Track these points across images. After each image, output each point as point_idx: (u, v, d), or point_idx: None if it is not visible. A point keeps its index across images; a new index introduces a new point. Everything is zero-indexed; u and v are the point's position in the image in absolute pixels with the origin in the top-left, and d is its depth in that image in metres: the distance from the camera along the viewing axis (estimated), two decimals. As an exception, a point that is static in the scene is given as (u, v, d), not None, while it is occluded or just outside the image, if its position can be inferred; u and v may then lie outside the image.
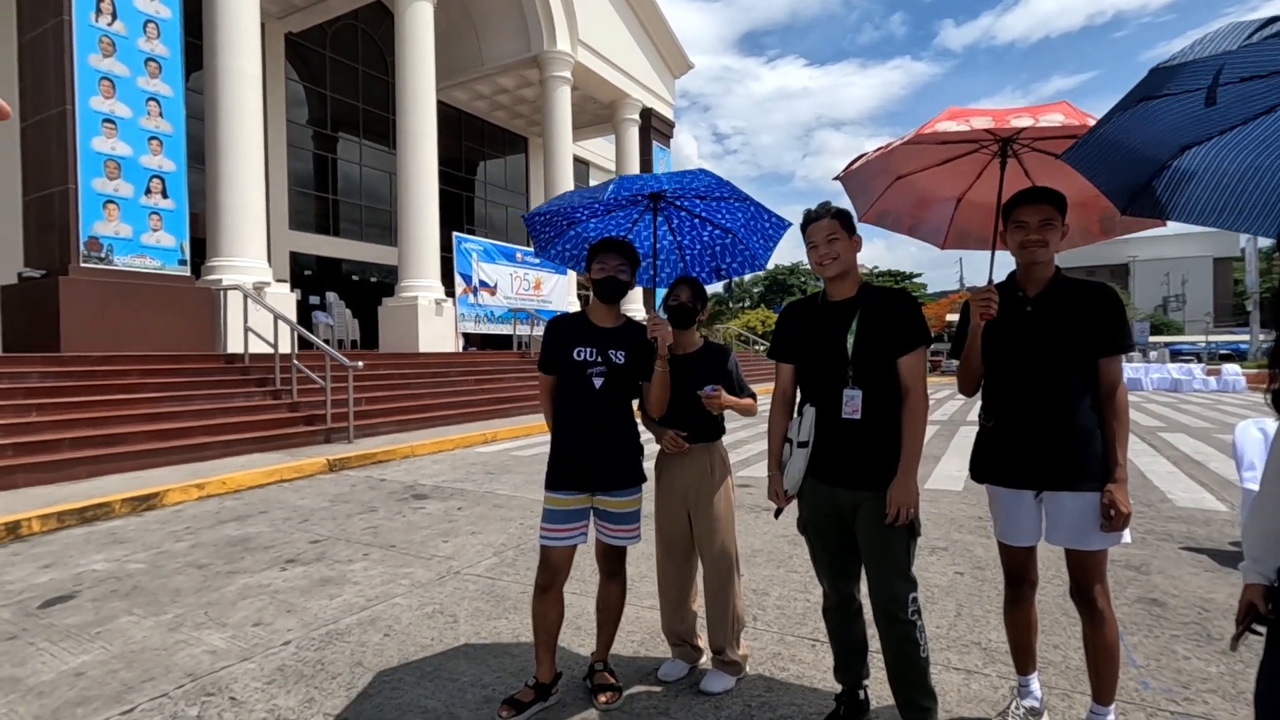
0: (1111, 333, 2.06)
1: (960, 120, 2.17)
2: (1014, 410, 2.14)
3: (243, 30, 10.49)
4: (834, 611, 2.29)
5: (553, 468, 2.47)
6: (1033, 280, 2.17)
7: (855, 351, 2.09)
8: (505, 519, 5.15)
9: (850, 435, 2.09)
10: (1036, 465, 2.11)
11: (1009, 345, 2.15)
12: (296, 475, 6.85)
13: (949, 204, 2.85)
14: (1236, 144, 1.83)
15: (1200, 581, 3.69)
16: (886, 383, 2.09)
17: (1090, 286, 2.12)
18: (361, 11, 18.06)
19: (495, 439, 9.56)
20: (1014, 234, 2.15)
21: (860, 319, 2.12)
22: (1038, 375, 2.11)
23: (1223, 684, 2.55)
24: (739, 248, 2.92)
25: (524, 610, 3.33)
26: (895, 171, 2.64)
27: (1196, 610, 3.28)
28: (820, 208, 2.18)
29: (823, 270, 2.17)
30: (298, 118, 18.15)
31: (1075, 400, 2.08)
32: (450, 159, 21.67)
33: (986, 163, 2.56)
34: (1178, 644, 2.90)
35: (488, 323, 15.67)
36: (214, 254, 10.37)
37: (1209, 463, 7.47)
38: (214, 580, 3.80)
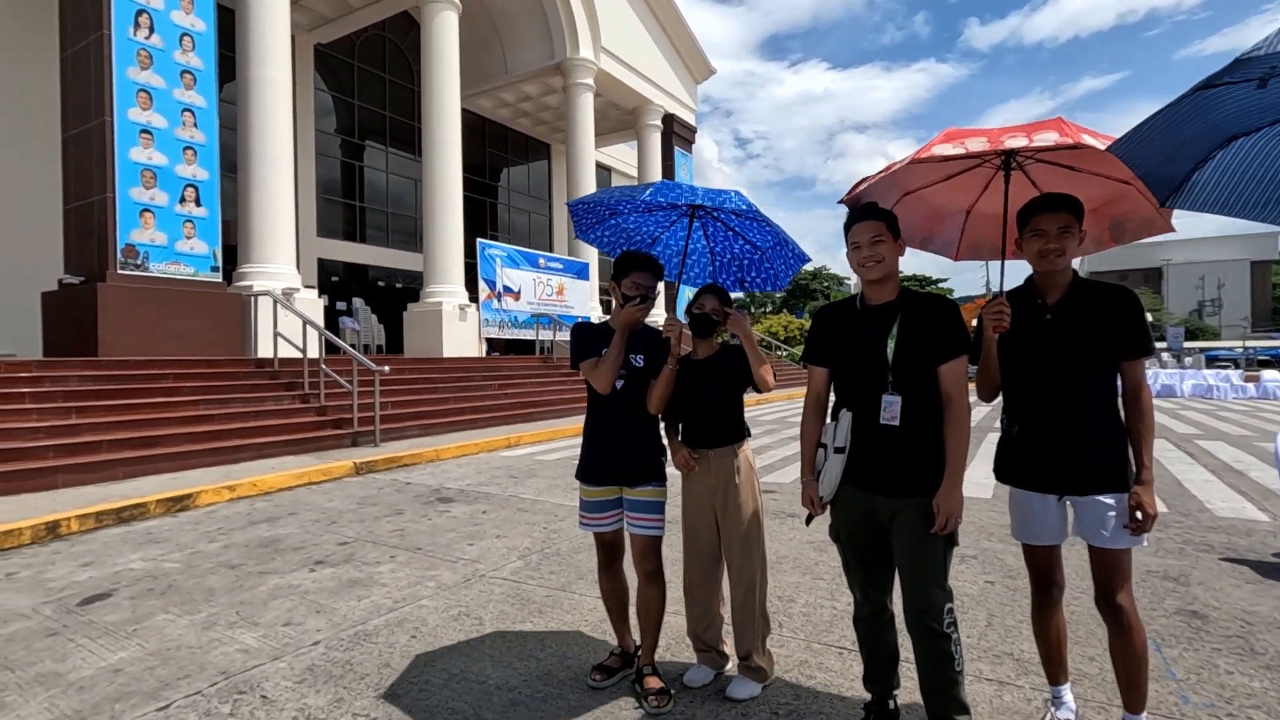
0: (1133, 336, 2.04)
1: (956, 143, 2.18)
2: (1035, 416, 2.13)
3: (274, 42, 10.74)
4: (866, 621, 2.25)
5: (582, 461, 2.64)
6: (1052, 287, 2.14)
7: (896, 357, 2.05)
8: (530, 523, 5.18)
9: (889, 441, 2.05)
10: (1058, 471, 2.10)
11: (1028, 352, 2.13)
12: (324, 478, 6.95)
13: (959, 216, 2.86)
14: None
15: (1243, 594, 3.58)
16: (926, 389, 2.05)
17: (1110, 290, 2.09)
18: (389, 22, 18.39)
19: (519, 443, 9.62)
20: (1032, 242, 2.12)
21: (901, 324, 2.07)
22: (1057, 381, 2.09)
23: (1268, 700, 2.47)
24: (765, 265, 2.99)
25: (549, 614, 3.34)
26: (904, 187, 2.65)
27: (1239, 623, 3.18)
28: (867, 207, 2.13)
29: (864, 272, 2.11)
30: (326, 127, 18.51)
31: (1096, 406, 2.07)
32: (474, 166, 21.93)
33: (991, 176, 2.56)
34: (1219, 658, 2.81)
35: (511, 328, 15.78)
36: (245, 261, 10.60)
37: (1250, 471, 7.25)
38: (246, 580, 3.86)
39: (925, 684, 2.08)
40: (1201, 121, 1.76)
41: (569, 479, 6.90)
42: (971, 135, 2.23)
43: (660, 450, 2.63)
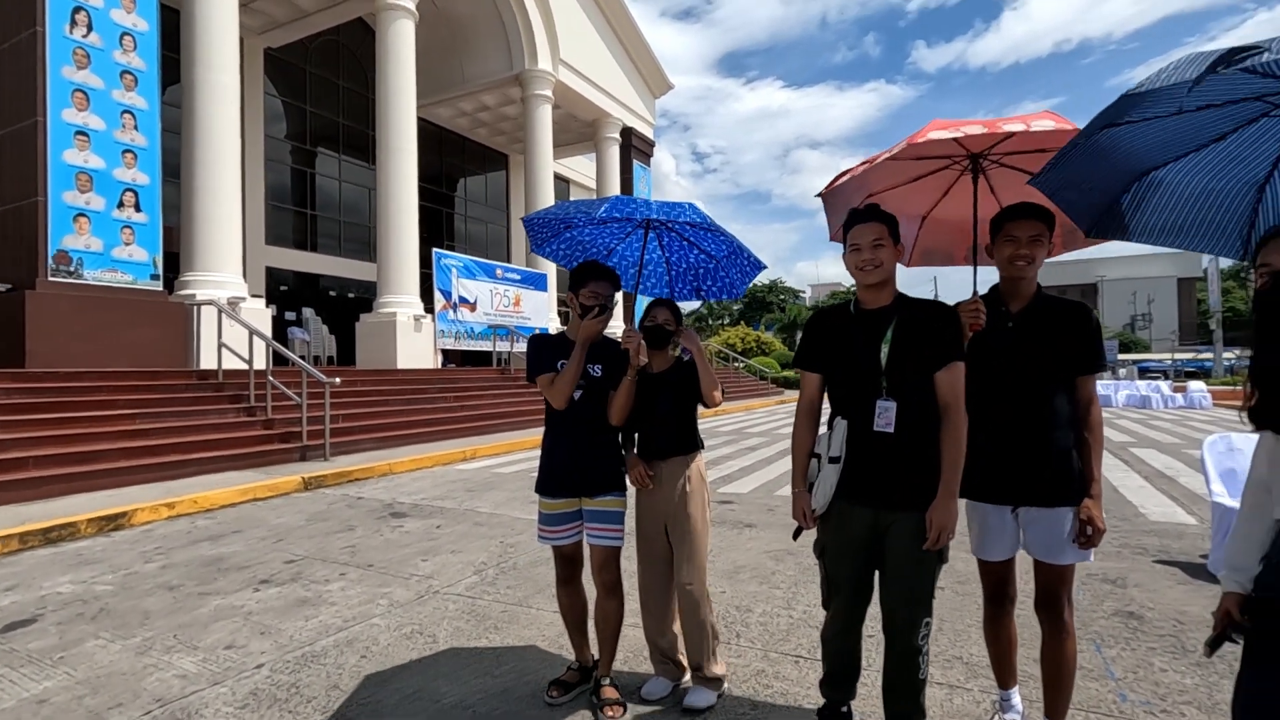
0: (1089, 352, 2.10)
1: (953, 129, 2.21)
2: (995, 425, 2.14)
3: (222, 45, 10.44)
4: (837, 637, 2.17)
5: (541, 474, 2.61)
6: (1017, 295, 2.18)
7: (890, 362, 2.00)
8: (487, 537, 5.09)
9: (883, 449, 1.99)
10: (1016, 481, 2.12)
11: (990, 360, 2.15)
12: (272, 493, 6.71)
13: (914, 222, 2.90)
14: (1194, 168, 1.91)
15: (1176, 594, 3.75)
16: (922, 396, 2.00)
17: (1071, 306, 2.15)
18: (343, 28, 18.08)
19: (476, 456, 9.47)
20: (1003, 247, 2.16)
21: (896, 328, 2.02)
22: (1018, 391, 2.13)
23: (1199, 695, 2.59)
24: (720, 274, 3.02)
25: (505, 629, 3.28)
26: (868, 189, 2.68)
27: (1172, 623, 3.33)
28: (869, 208, 2.08)
29: (862, 276, 2.05)
30: (276, 132, 18.04)
31: (1054, 417, 2.10)
32: (431, 175, 21.65)
33: (954, 179, 2.62)
34: (1155, 656, 2.94)
35: (467, 339, 15.57)
36: (188, 269, 10.22)
37: (1179, 477, 7.63)
38: (185, 602, 3.69)
39: (889, 689, 2.10)
40: (1112, 156, 1.86)
41: (527, 491, 6.81)
42: (966, 123, 2.26)
43: (620, 460, 2.64)
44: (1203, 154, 1.87)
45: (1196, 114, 1.70)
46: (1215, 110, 1.69)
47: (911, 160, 2.45)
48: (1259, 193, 1.82)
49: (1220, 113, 1.70)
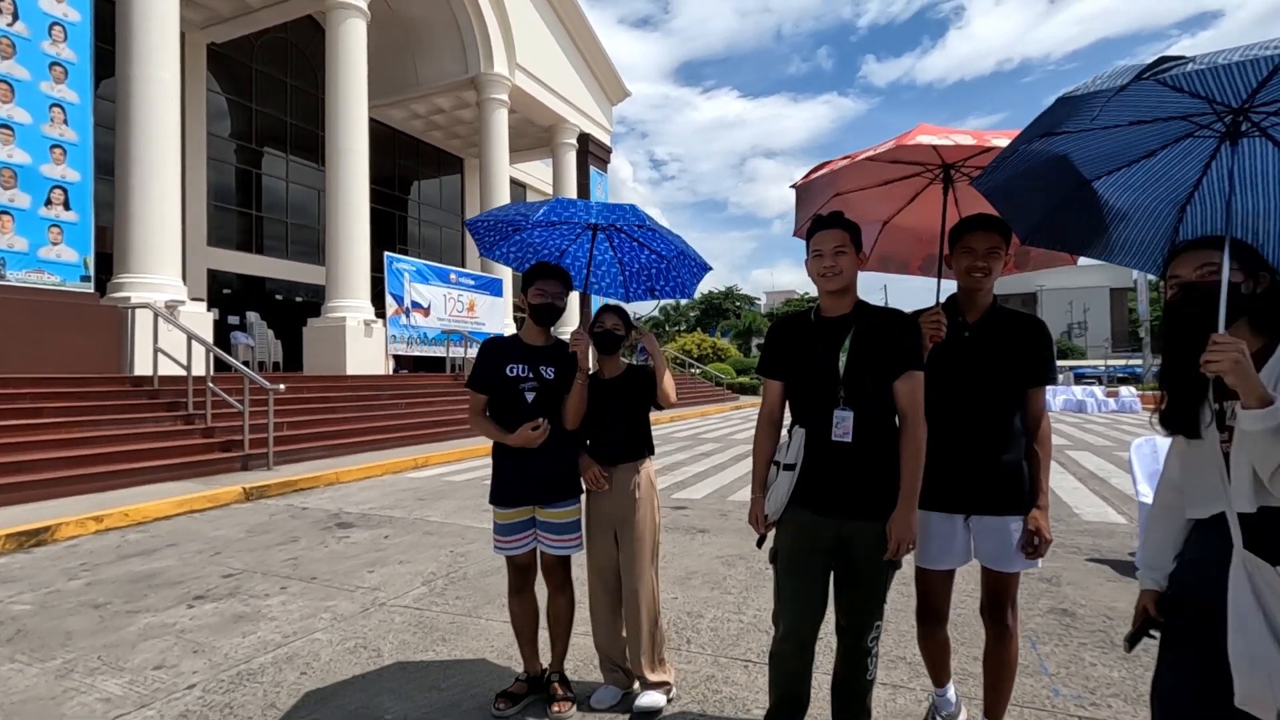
0: (1041, 366, 2.15)
1: (940, 135, 2.22)
2: (948, 435, 2.15)
3: (160, 38, 10.03)
4: (786, 658, 2.09)
5: (495, 483, 2.58)
6: (973, 306, 2.20)
7: (847, 370, 1.99)
8: (437, 546, 4.99)
9: (841, 459, 1.98)
10: (968, 490, 2.15)
11: (946, 369, 2.17)
12: (210, 505, 6.44)
13: (875, 226, 2.91)
14: (1123, 184, 1.98)
15: (1106, 591, 3.91)
16: (880, 406, 1.99)
17: (1026, 319, 2.20)
18: (291, 25, 17.59)
19: (427, 464, 9.28)
20: (961, 258, 2.18)
21: (855, 337, 2.01)
22: (972, 401, 2.15)
23: (1125, 688, 2.71)
24: (671, 274, 3.03)
25: (454, 641, 3.22)
26: (836, 188, 2.68)
27: (1102, 619, 3.48)
28: (833, 215, 2.07)
29: (824, 283, 2.04)
30: (220, 131, 17.42)
31: (1006, 428, 2.14)
32: (383, 177, 21.22)
33: (922, 188, 2.64)
34: (1085, 652, 3.06)
35: (420, 344, 15.28)
36: (122, 270, 9.75)
37: (1110, 479, 7.99)
38: (112, 621, 3.51)
39: (837, 690, 2.13)
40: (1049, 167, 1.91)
41: (480, 500, 6.71)
42: (957, 132, 2.27)
43: (575, 465, 2.62)
44: (1133, 170, 1.93)
45: (1129, 129, 1.76)
46: (1146, 126, 1.75)
47: (886, 163, 2.45)
48: (1180, 212, 1.90)
49: (1150, 129, 1.75)
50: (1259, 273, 1.55)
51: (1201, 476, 1.56)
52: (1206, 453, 1.54)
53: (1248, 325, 1.54)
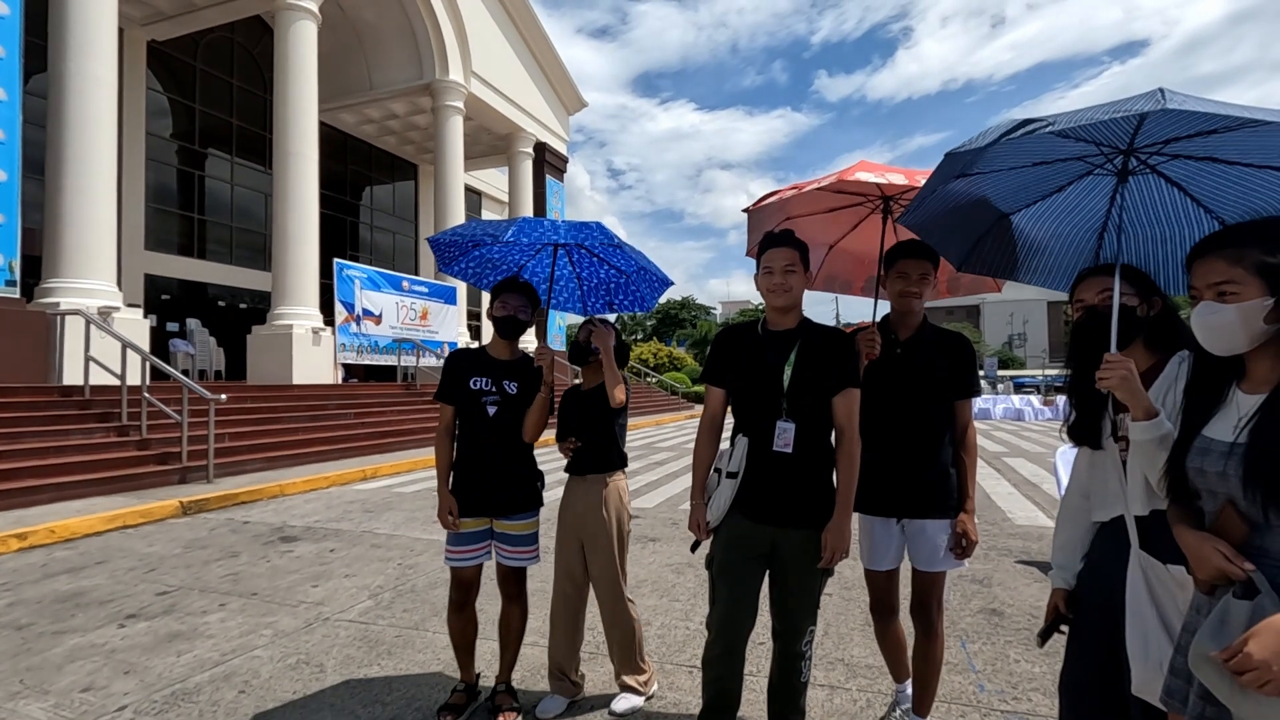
0: (965, 378, 2.32)
1: (877, 173, 2.41)
2: (883, 443, 2.30)
3: (97, 34, 9.64)
4: (717, 662, 2.12)
5: (456, 493, 2.57)
6: (904, 325, 2.38)
7: (791, 383, 2.06)
8: (384, 559, 4.92)
9: (781, 468, 2.05)
10: (901, 494, 2.30)
11: (881, 382, 2.32)
12: (144, 520, 6.20)
13: (822, 249, 3.10)
14: (1041, 215, 2.16)
15: (1032, 591, 4.12)
16: (820, 418, 2.07)
17: (951, 336, 2.37)
18: (238, 25, 17.13)
19: (376, 475, 9.11)
20: (895, 282, 2.36)
21: (799, 351, 2.09)
22: (903, 411, 2.31)
23: (1045, 682, 2.87)
24: (630, 289, 3.11)
25: (399, 655, 3.19)
26: (787, 213, 2.84)
27: (1028, 617, 3.67)
28: (784, 233, 2.16)
29: (772, 298, 2.12)
30: (160, 131, 16.80)
31: (935, 436, 2.31)
32: (333, 182, 20.77)
33: (865, 216, 2.83)
34: (1010, 649, 3.23)
35: (371, 353, 14.98)
36: (52, 274, 9.30)
37: (1042, 484, 8.37)
38: (36, 643, 3.36)
39: (772, 691, 2.21)
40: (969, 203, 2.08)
41: (429, 511, 6.62)
42: (891, 170, 2.45)
43: (535, 476, 2.66)
44: (1047, 203, 2.11)
45: (1033, 169, 1.94)
46: (1048, 166, 1.92)
47: (832, 192, 2.63)
48: (1099, 238, 2.06)
49: (1052, 169, 1.93)
50: (1151, 297, 1.70)
51: (1103, 482, 1.69)
52: (1108, 461, 1.68)
53: (1142, 344, 1.68)
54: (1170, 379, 1.58)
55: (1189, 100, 1.34)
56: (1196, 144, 1.65)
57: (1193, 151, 1.71)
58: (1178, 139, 1.64)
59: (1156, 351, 1.67)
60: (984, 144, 1.59)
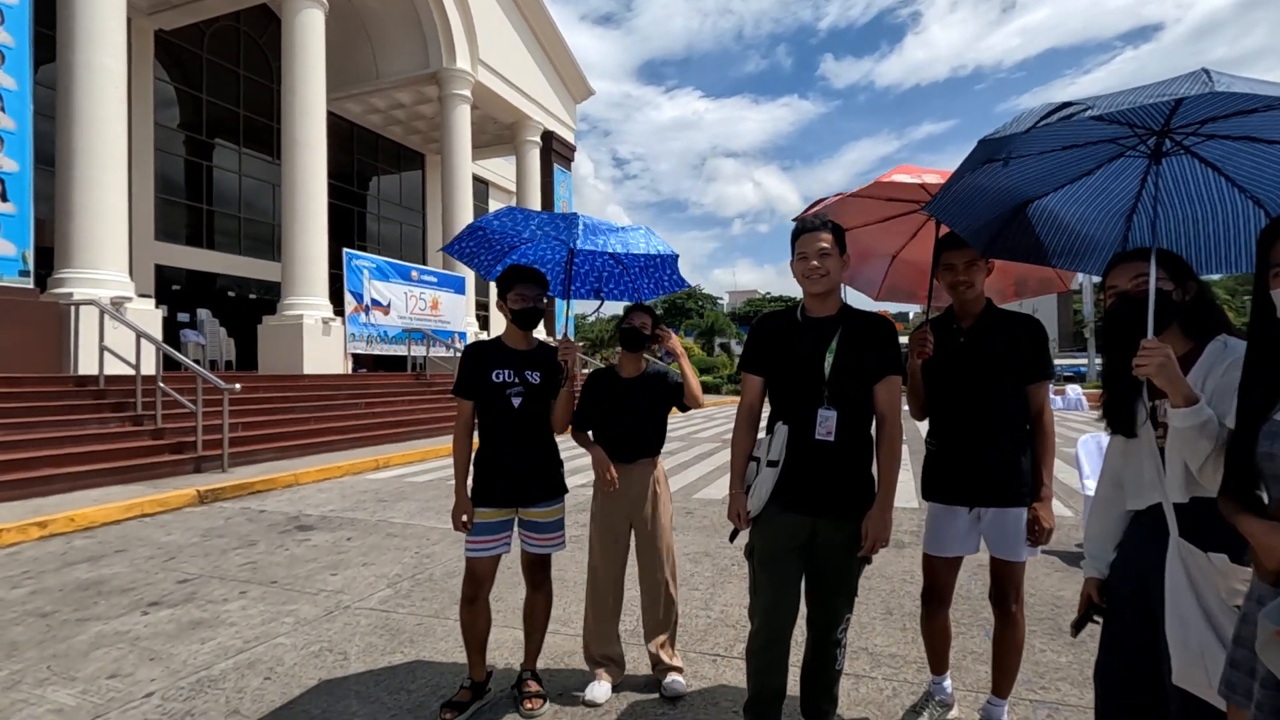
0: (1037, 361, 2.27)
1: (914, 175, 2.39)
2: (951, 432, 2.30)
3: (105, 24, 9.61)
4: (763, 651, 2.13)
5: (478, 484, 2.55)
6: (965, 314, 2.35)
7: (833, 372, 2.02)
8: (400, 548, 4.93)
9: (823, 458, 2.01)
10: (973, 484, 2.27)
11: (946, 370, 2.31)
12: (161, 509, 6.23)
13: (885, 260, 3.08)
14: (1070, 199, 2.12)
15: (1052, 581, 4.09)
16: (861, 406, 2.04)
17: (1020, 318, 2.32)
18: (244, 14, 17.05)
19: (388, 465, 9.13)
20: (944, 275, 2.34)
21: (841, 339, 2.04)
22: (970, 399, 2.28)
23: (1071, 672, 2.85)
24: (625, 279, 3.08)
25: (420, 643, 3.20)
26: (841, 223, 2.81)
27: (1050, 607, 3.64)
28: (816, 218, 2.10)
29: (809, 284, 2.06)
30: (168, 121, 16.78)
31: (1005, 421, 2.25)
32: (341, 173, 20.72)
33: (921, 224, 2.77)
34: (1035, 639, 3.20)
35: (380, 343, 14.99)
36: (64, 265, 9.33)
37: (1059, 474, 8.31)
38: (60, 630, 3.38)
39: (806, 678, 2.21)
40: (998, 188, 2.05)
41: (443, 501, 6.64)
42: (928, 172, 2.42)
43: (559, 463, 2.65)
44: (1075, 186, 2.08)
45: (1062, 153, 1.91)
46: (1078, 149, 1.90)
47: (882, 200, 2.61)
48: (1127, 221, 2.02)
49: (1082, 152, 1.90)
50: (1186, 281, 1.67)
51: (1139, 470, 1.67)
52: (1143, 448, 1.65)
53: (1179, 330, 1.65)
54: (1209, 364, 1.57)
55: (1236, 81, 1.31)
56: (1234, 124, 1.62)
57: (1230, 131, 1.68)
58: (1215, 119, 1.60)
59: (1192, 337, 1.65)
60: (1021, 130, 1.56)
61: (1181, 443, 1.46)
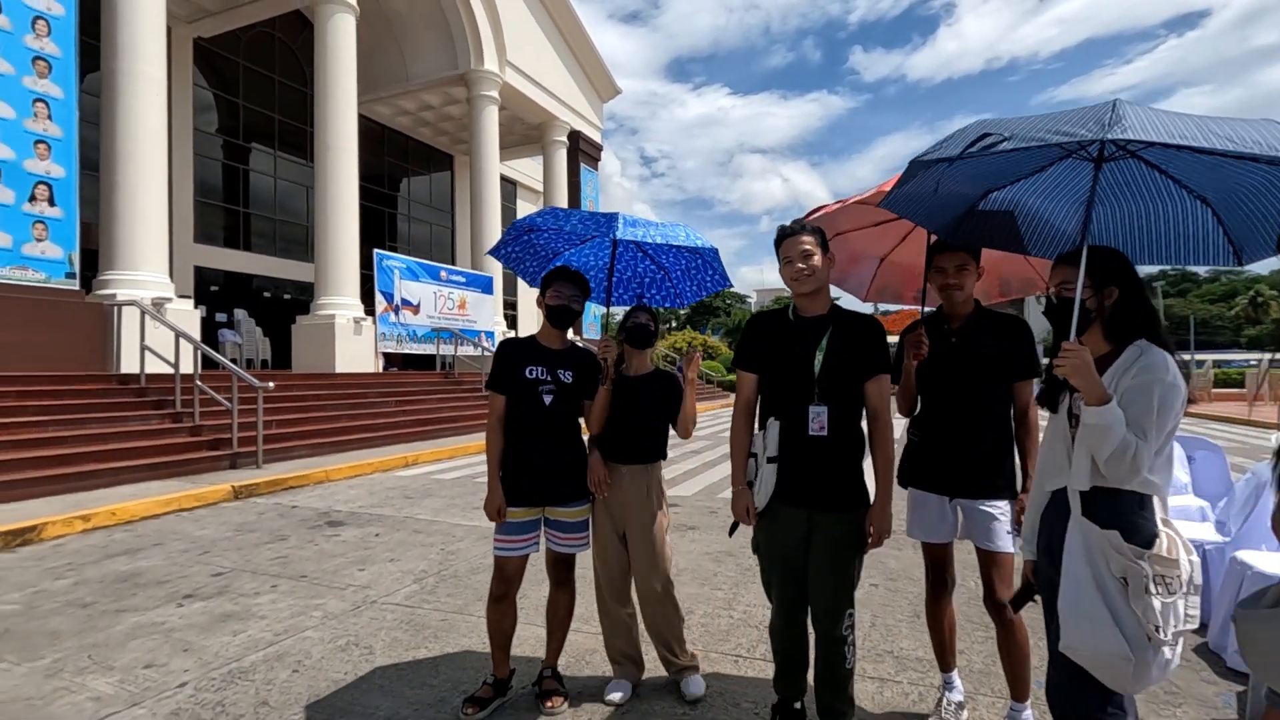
0: (1024, 360, 2.32)
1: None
2: (936, 425, 2.36)
3: (146, 33, 9.92)
4: (781, 632, 2.26)
5: (508, 482, 2.55)
6: (955, 315, 2.42)
7: (823, 369, 2.10)
8: (426, 545, 4.99)
9: (817, 452, 2.09)
10: (955, 476, 2.33)
11: (936, 368, 2.36)
12: (197, 504, 6.41)
13: (874, 262, 3.19)
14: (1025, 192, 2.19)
15: (1087, 586, 3.97)
16: (851, 402, 2.12)
17: (1005, 319, 2.38)
18: (279, 20, 17.44)
19: (416, 462, 9.26)
20: (935, 278, 2.40)
21: (831, 337, 2.12)
22: (957, 395, 2.34)
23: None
24: (667, 285, 3.09)
25: (444, 639, 3.23)
26: (836, 228, 2.89)
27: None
28: (795, 223, 2.19)
29: (797, 286, 2.15)
30: (206, 126, 17.25)
31: (986, 416, 2.32)
32: (372, 175, 21.08)
33: (912, 228, 2.87)
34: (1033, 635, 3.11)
35: (410, 342, 15.21)
36: (108, 267, 9.65)
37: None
38: (99, 620, 3.49)
39: (818, 680, 2.21)
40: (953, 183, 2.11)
41: (469, 498, 6.71)
42: None
43: (586, 463, 2.65)
44: (1031, 180, 2.15)
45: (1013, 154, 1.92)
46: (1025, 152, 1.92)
47: (875, 206, 2.64)
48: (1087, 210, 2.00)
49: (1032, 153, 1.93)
50: (1107, 287, 1.75)
51: (1052, 455, 1.82)
52: (1058, 435, 1.81)
53: (1099, 332, 1.77)
54: (1123, 366, 1.67)
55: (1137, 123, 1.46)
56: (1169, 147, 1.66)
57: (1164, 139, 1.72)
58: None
59: (1113, 339, 1.75)
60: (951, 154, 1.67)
61: (1089, 436, 1.60)
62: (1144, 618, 1.54)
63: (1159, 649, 1.55)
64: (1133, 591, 1.56)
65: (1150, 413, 1.58)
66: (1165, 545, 1.59)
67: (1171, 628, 1.54)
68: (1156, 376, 1.60)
